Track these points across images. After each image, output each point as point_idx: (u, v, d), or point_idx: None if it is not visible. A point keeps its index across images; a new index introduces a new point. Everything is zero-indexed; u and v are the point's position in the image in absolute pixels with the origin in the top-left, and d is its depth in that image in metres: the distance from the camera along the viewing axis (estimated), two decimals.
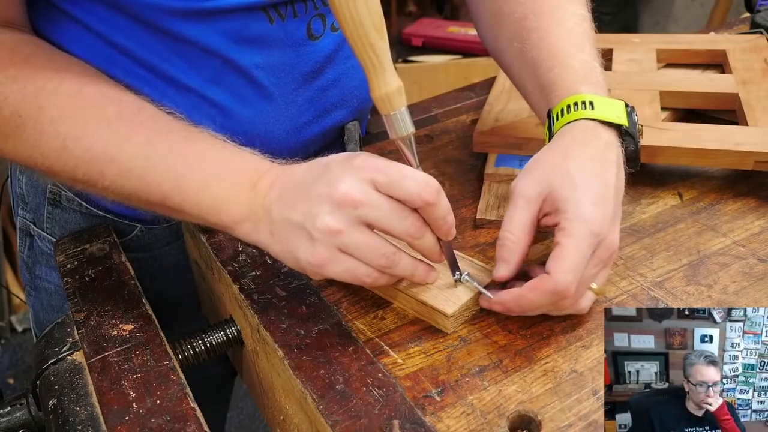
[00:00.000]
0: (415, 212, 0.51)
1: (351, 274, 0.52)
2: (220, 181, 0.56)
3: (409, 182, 0.50)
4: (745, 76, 0.80)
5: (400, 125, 0.52)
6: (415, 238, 0.52)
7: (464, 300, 0.56)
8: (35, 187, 0.77)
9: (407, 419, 0.48)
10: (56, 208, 0.76)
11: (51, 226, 0.77)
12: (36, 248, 0.80)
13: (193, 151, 0.57)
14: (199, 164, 0.56)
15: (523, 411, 0.49)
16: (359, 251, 0.51)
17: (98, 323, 0.60)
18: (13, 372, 2.01)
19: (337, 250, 0.50)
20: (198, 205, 0.56)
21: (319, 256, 0.51)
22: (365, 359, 0.53)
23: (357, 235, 0.50)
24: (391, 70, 0.51)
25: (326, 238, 0.50)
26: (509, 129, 0.75)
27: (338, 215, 0.49)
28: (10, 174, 0.82)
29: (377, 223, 0.50)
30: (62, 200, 0.76)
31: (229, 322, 0.65)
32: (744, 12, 1.21)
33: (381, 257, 0.51)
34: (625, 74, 0.85)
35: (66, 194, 0.75)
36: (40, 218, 0.78)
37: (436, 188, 0.50)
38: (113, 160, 0.56)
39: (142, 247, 0.79)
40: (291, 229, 0.52)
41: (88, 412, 0.53)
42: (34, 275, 0.82)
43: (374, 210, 0.50)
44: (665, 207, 0.69)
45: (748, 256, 0.62)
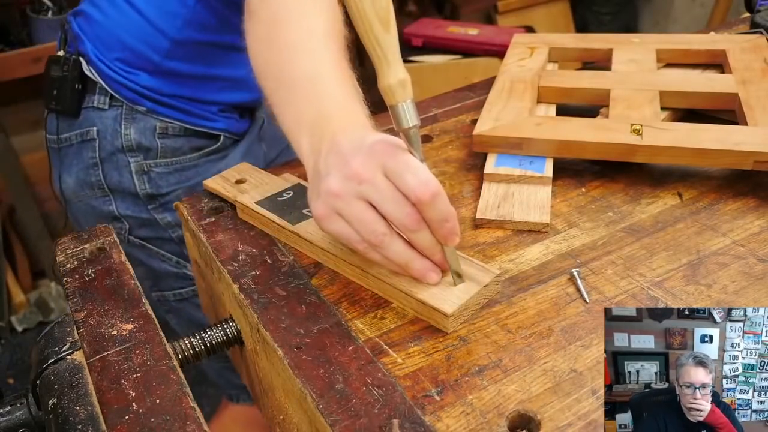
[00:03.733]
0: (414, 206, 0.53)
1: (344, 236, 0.55)
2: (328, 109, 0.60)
3: (408, 176, 0.52)
4: (745, 76, 0.80)
5: (402, 117, 0.54)
6: (410, 230, 0.54)
7: (464, 299, 0.56)
8: (144, 131, 0.96)
9: (407, 419, 0.48)
10: (165, 138, 0.97)
11: (164, 153, 0.98)
12: (154, 176, 0.98)
13: (345, 78, 0.62)
14: (343, 89, 0.61)
15: (522, 410, 0.49)
16: (351, 222, 0.54)
17: (98, 323, 0.60)
18: (13, 372, 2.01)
19: (333, 211, 0.54)
20: (302, 105, 0.61)
21: (320, 210, 0.55)
22: (365, 359, 0.53)
23: (354, 206, 0.53)
24: (396, 62, 0.54)
25: (326, 197, 0.54)
26: (509, 129, 0.75)
27: (343, 184, 0.53)
28: (100, 164, 0.98)
29: (376, 204, 0.53)
30: (169, 131, 0.97)
31: (228, 321, 0.65)
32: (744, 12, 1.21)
33: (370, 233, 0.54)
34: (625, 74, 0.85)
35: (172, 125, 0.96)
36: (152, 152, 0.97)
37: (432, 190, 0.52)
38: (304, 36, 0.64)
39: (222, 149, 1.01)
40: (315, 179, 0.57)
41: (87, 411, 0.53)
42: (160, 195, 1.00)
43: (375, 191, 0.53)
44: (665, 207, 0.69)
45: (747, 255, 0.62)
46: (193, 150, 1.01)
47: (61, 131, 0.99)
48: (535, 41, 0.97)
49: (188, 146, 1.00)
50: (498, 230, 0.68)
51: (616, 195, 0.71)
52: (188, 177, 1.01)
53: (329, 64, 0.63)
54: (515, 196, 0.71)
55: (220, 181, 0.75)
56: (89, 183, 0.99)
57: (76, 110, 0.97)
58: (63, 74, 0.96)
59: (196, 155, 1.00)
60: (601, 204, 0.70)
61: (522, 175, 0.72)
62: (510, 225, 0.68)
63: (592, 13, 3.04)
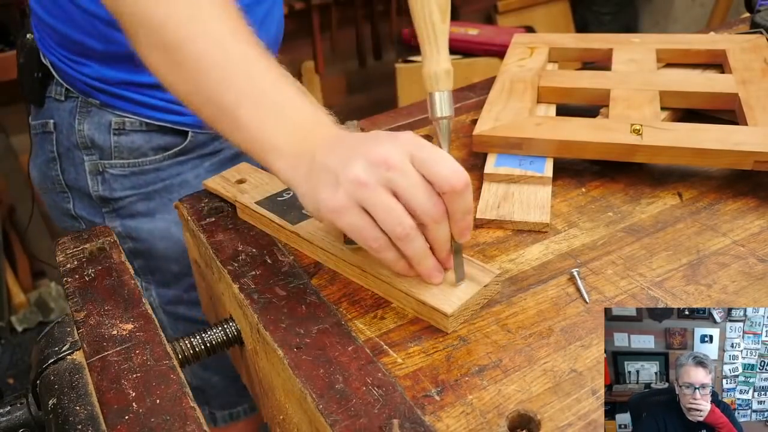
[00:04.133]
0: (440, 197, 0.52)
1: (360, 231, 0.52)
2: (292, 113, 0.57)
3: (443, 165, 0.51)
4: (745, 76, 0.80)
5: (440, 106, 0.56)
6: (435, 221, 0.52)
7: (464, 299, 0.56)
8: (98, 126, 0.88)
9: (407, 419, 0.48)
10: (121, 135, 0.88)
11: (119, 153, 0.89)
12: (109, 178, 0.91)
13: (282, 85, 0.58)
14: (283, 94, 0.58)
15: (522, 410, 0.49)
16: (377, 211, 0.51)
17: (98, 323, 0.60)
18: (13, 372, 2.01)
19: (355, 202, 0.51)
20: (262, 122, 0.56)
21: (338, 202, 0.51)
22: (365, 359, 0.53)
23: (381, 195, 0.50)
24: (445, 52, 0.56)
25: (351, 186, 0.51)
26: (509, 129, 0.75)
27: (369, 171, 0.50)
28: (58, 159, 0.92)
29: (403, 192, 0.51)
30: (126, 126, 0.88)
31: (228, 321, 0.65)
32: (744, 12, 1.21)
33: (398, 225, 0.51)
34: (625, 74, 0.85)
35: (129, 119, 0.87)
36: (107, 151, 0.89)
37: (466, 179, 0.51)
38: (224, 57, 0.58)
39: (190, 150, 0.91)
40: (323, 173, 0.53)
41: (87, 411, 0.53)
42: (113, 200, 0.92)
43: (404, 178, 0.50)
44: (665, 207, 0.69)
45: (747, 255, 0.62)
46: (155, 150, 0.90)
47: (31, 119, 0.95)
48: (535, 41, 0.97)
49: (148, 146, 0.90)
50: (498, 230, 0.68)
51: (616, 195, 0.71)
52: (147, 182, 0.91)
53: (263, 75, 0.59)
54: (515, 196, 0.71)
55: (220, 181, 0.75)
56: (50, 177, 0.94)
57: (39, 99, 0.91)
58: (22, 61, 0.91)
59: (159, 157, 0.90)
60: (601, 204, 0.70)
61: (522, 175, 0.72)
62: (510, 225, 0.68)
63: (592, 13, 3.04)
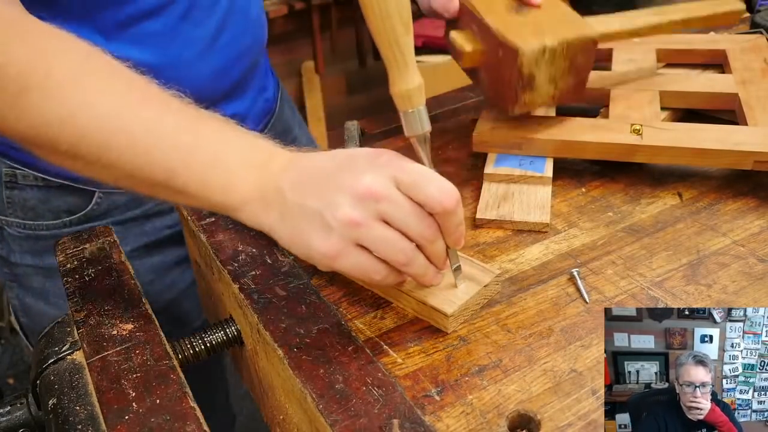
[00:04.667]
0: (431, 216, 0.51)
1: (361, 269, 0.51)
2: (231, 157, 0.54)
3: (432, 187, 0.49)
4: (745, 76, 0.80)
5: (417, 123, 0.52)
6: (429, 241, 0.51)
7: (464, 300, 0.56)
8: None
9: (407, 419, 0.48)
10: (14, 189, 0.75)
11: (13, 210, 0.76)
12: (6, 236, 0.78)
13: (203, 129, 0.54)
14: (210, 141, 0.54)
15: (522, 410, 0.49)
16: (377, 245, 0.50)
17: (98, 323, 0.60)
18: (13, 372, 2.01)
19: (351, 243, 0.50)
20: (205, 183, 0.53)
21: (334, 247, 0.50)
22: (365, 359, 0.53)
23: (377, 230, 0.49)
24: (413, 66, 0.51)
25: (344, 229, 0.49)
26: (509, 129, 0.75)
27: (359, 207, 0.49)
28: None
29: (395, 221, 0.50)
30: (18, 179, 0.74)
31: (228, 321, 0.65)
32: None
33: (399, 252, 0.50)
34: (625, 74, 0.85)
35: (22, 172, 0.74)
36: (2, 205, 0.76)
37: (456, 197, 0.50)
38: (122, 131, 0.52)
39: (100, 215, 0.77)
40: (306, 217, 0.50)
41: (87, 411, 0.53)
42: (12, 263, 0.80)
43: (394, 207, 0.49)
44: (665, 207, 0.69)
45: (747, 255, 0.62)
46: (54, 213, 0.76)
47: None
48: None
49: (45, 207, 0.76)
50: (498, 230, 0.68)
51: (616, 195, 0.71)
52: (46, 251, 0.77)
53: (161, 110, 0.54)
54: (515, 196, 0.71)
55: None
56: None
57: None
58: None
59: (58, 222, 0.77)
60: (601, 204, 0.70)
61: (522, 175, 0.72)
62: (510, 225, 0.68)
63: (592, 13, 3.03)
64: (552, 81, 0.69)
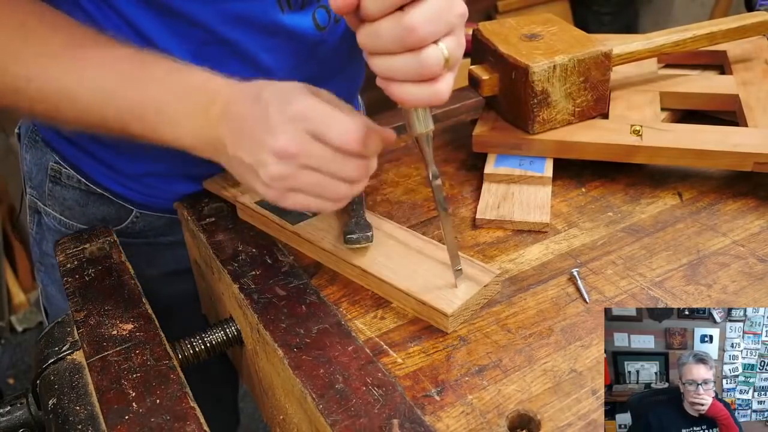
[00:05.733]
0: (352, 155, 0.51)
1: (303, 206, 0.54)
2: (174, 107, 0.56)
3: (333, 133, 0.50)
4: (745, 77, 0.80)
5: (420, 121, 0.53)
6: (355, 180, 0.53)
7: (464, 300, 0.56)
8: (38, 164, 0.77)
9: (407, 418, 0.48)
10: (56, 185, 0.76)
11: (52, 203, 0.77)
12: (43, 224, 0.80)
13: (147, 78, 0.56)
14: (154, 91, 0.56)
15: (522, 410, 0.49)
16: (308, 191, 0.52)
17: (98, 323, 0.60)
18: (13, 372, 2.01)
19: (287, 190, 0.53)
20: (156, 132, 0.57)
21: (273, 194, 0.53)
22: (365, 359, 0.53)
23: (304, 179, 0.52)
24: None
25: (276, 183, 0.52)
26: (509, 129, 0.75)
27: (282, 165, 0.51)
28: (22, 154, 0.82)
29: (319, 170, 0.51)
30: (62, 177, 0.76)
31: (228, 321, 0.65)
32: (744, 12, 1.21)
33: (331, 193, 0.52)
34: (625, 74, 0.85)
35: (66, 171, 0.75)
36: (43, 195, 0.78)
37: (357, 135, 0.50)
38: (68, 97, 0.56)
39: (135, 234, 0.79)
40: (245, 169, 0.54)
41: (87, 411, 0.53)
42: (42, 251, 0.82)
43: (313, 159, 0.51)
44: (665, 207, 0.69)
45: (747, 255, 0.62)
46: (88, 219, 0.77)
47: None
48: None
49: (81, 210, 0.77)
50: (498, 230, 0.68)
51: (616, 195, 0.71)
52: None
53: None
54: (515, 196, 0.71)
55: (220, 181, 0.75)
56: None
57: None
58: None
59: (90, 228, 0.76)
60: (601, 204, 0.70)
61: (522, 175, 0.72)
62: (510, 225, 0.68)
63: (592, 13, 3.03)
64: (569, 97, 0.71)
